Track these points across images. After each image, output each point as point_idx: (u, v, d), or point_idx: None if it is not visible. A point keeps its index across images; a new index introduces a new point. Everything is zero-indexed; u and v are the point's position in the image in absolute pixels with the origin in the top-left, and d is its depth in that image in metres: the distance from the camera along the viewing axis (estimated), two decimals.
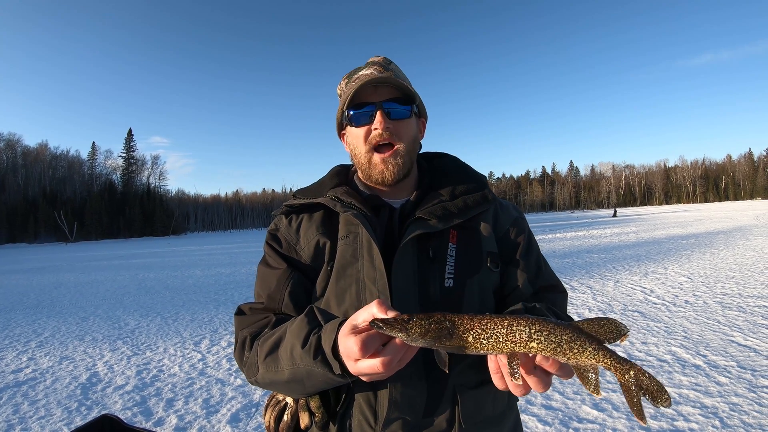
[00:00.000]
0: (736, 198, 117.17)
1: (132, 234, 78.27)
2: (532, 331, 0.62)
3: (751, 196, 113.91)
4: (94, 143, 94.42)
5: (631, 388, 0.60)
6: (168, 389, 3.92)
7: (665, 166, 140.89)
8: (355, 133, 0.97)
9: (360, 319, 0.68)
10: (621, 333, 0.61)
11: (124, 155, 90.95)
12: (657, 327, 5.06)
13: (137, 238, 74.41)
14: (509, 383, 0.68)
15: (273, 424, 0.92)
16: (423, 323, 0.63)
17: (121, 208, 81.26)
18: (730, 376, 3.57)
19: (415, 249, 0.90)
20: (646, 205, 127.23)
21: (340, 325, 0.72)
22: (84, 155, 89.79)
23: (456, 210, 0.94)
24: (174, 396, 3.77)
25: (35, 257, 28.44)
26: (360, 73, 0.99)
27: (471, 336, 0.64)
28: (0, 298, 9.98)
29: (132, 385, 4.05)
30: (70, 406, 3.62)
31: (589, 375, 0.61)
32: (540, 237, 20.05)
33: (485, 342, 0.63)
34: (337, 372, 0.72)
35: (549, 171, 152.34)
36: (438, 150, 1.15)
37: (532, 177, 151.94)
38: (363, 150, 0.96)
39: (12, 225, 68.66)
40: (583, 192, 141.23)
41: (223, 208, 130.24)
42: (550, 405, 3.25)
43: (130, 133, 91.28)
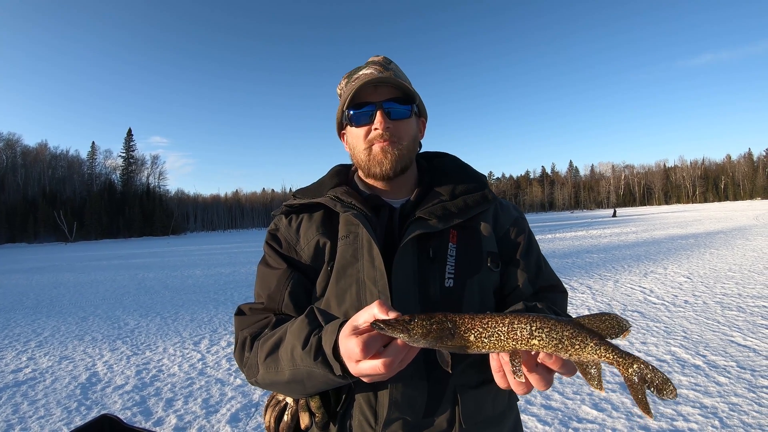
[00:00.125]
0: (735, 198, 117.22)
1: (132, 234, 78.20)
2: (533, 329, 0.62)
3: (751, 196, 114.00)
4: (93, 143, 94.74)
5: (635, 381, 0.60)
6: (167, 389, 3.92)
7: (665, 166, 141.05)
8: (355, 133, 0.97)
9: (361, 320, 0.68)
10: (622, 328, 0.61)
11: (123, 155, 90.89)
12: (656, 327, 5.06)
13: (137, 237, 74.38)
14: (511, 381, 0.68)
15: (273, 424, 0.92)
16: (424, 324, 0.63)
17: (121, 207, 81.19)
18: (729, 376, 3.58)
19: (416, 249, 0.90)
20: (645, 205, 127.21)
21: (340, 326, 0.72)
22: (84, 155, 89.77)
23: (456, 210, 0.94)
24: (173, 396, 3.77)
25: (35, 257, 28.41)
26: (360, 73, 0.98)
27: (473, 335, 0.63)
28: None
29: (131, 385, 4.04)
30: (69, 405, 3.62)
31: (592, 371, 0.61)
32: (540, 237, 20.05)
33: (487, 341, 0.63)
34: (338, 373, 0.72)
35: (548, 171, 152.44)
36: (438, 150, 1.15)
37: (531, 177, 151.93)
38: (362, 148, 0.96)
39: (11, 225, 68.58)
40: (583, 192, 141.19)
41: (223, 208, 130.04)
42: (549, 405, 3.25)
43: (129, 133, 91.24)
